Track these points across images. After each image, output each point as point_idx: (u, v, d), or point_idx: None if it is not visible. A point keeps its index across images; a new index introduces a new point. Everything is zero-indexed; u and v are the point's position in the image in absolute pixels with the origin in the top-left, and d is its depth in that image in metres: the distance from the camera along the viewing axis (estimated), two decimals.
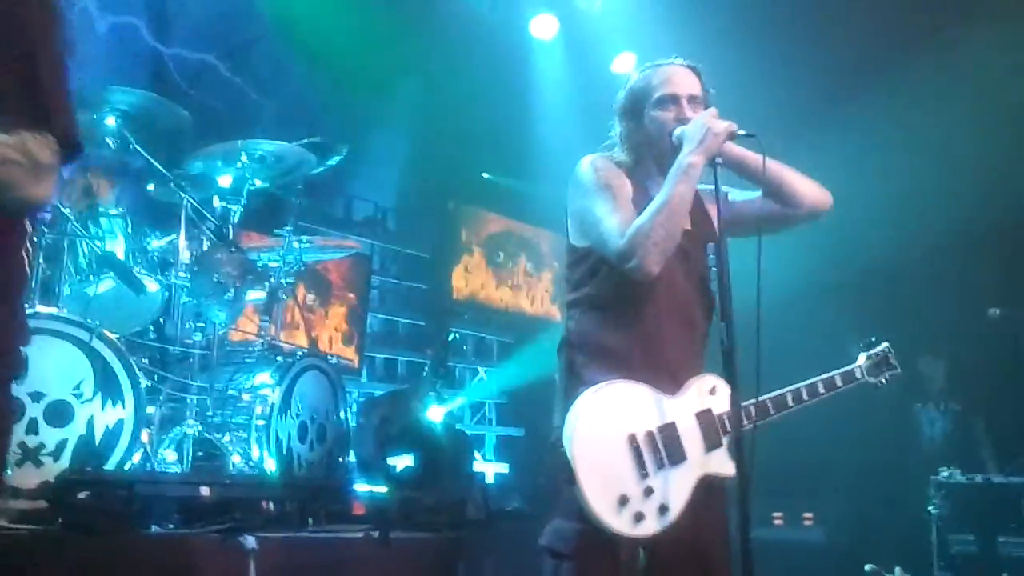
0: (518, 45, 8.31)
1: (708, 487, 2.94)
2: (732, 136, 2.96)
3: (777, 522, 7.63)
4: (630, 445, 2.84)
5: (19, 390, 3.93)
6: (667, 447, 2.89)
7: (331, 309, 6.96)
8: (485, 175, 8.25)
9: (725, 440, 2.99)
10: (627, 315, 3.01)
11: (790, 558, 7.19)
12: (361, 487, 5.42)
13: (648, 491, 2.82)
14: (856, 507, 7.41)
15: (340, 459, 5.53)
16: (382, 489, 5.49)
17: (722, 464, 2.97)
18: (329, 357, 6.25)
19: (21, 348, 2.12)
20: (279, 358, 5.39)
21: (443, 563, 4.63)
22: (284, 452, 5.09)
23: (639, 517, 2.79)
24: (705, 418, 2.99)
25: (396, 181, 8.25)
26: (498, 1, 8.00)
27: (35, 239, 4.47)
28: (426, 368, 7.25)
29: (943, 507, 6.30)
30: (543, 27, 8.33)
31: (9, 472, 3.84)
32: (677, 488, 2.88)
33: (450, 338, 7.27)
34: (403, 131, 8.12)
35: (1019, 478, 6.16)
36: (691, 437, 2.95)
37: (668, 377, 2.98)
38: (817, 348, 4.42)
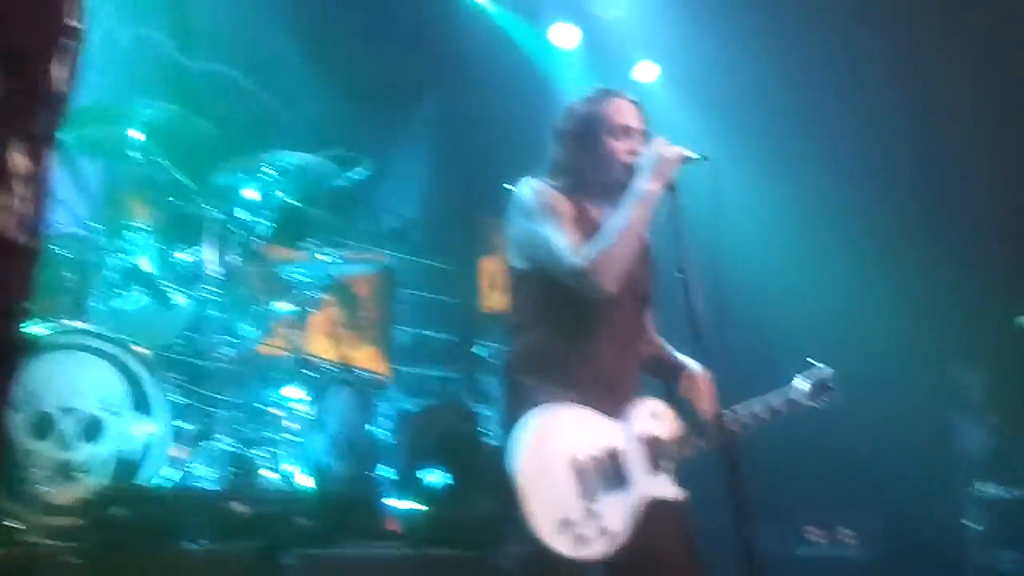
0: (539, 54, 8.26)
1: (660, 508, 2.97)
2: (684, 160, 3.04)
3: (812, 537, 7.51)
4: (572, 468, 2.86)
5: (50, 404, 3.88)
6: (610, 470, 2.92)
7: (359, 322, 6.88)
8: (508, 187, 8.16)
9: (668, 465, 3.04)
10: (570, 335, 3.05)
11: (825, 574, 7.05)
12: (394, 503, 5.32)
13: (590, 514, 2.85)
14: (892, 522, 7.26)
15: (372, 475, 5.43)
16: (416, 505, 5.38)
17: (665, 488, 3.03)
18: (359, 371, 6.16)
19: None
20: (309, 372, 5.32)
21: None
22: (316, 467, 5.00)
23: (582, 540, 2.81)
24: (648, 442, 3.02)
25: (421, 193, 8.18)
26: (519, 10, 7.95)
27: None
28: (457, 383, 7.16)
29: (983, 522, 6.15)
30: (563, 36, 8.28)
31: (42, 488, 3.77)
32: (620, 511, 2.91)
33: (480, 352, 7.16)
34: (427, 142, 8.06)
35: None
36: (634, 461, 2.98)
37: (611, 397, 3.02)
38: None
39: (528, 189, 3.12)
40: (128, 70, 5.67)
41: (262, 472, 4.80)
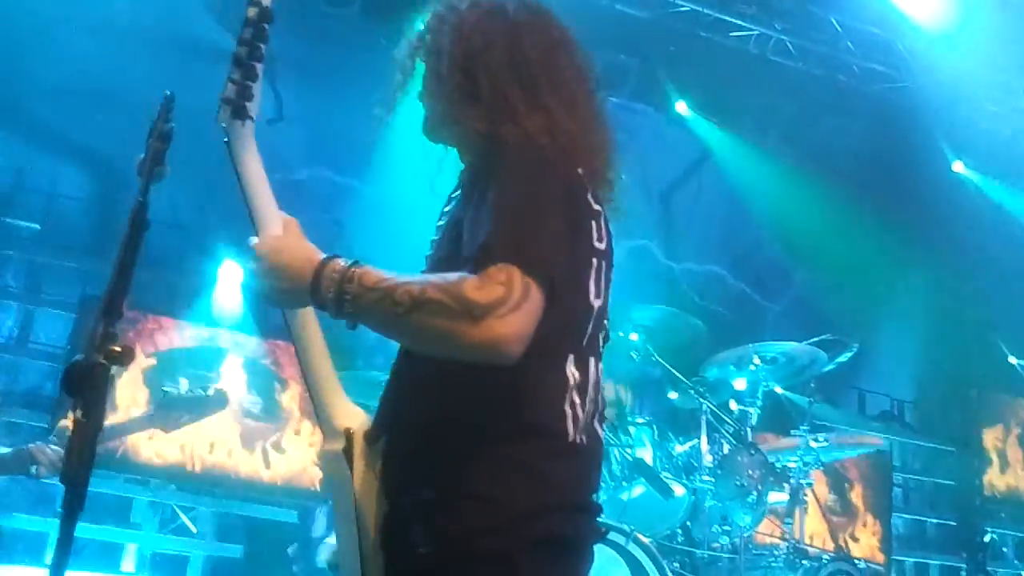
0: None
1: None
2: None
3: None
4: None
5: None
6: None
7: (853, 509, 6.72)
8: (1013, 360, 7.66)
9: None
10: None
11: None
12: None
13: None
14: None
15: None
16: None
17: None
18: (857, 561, 5.98)
19: None
20: (805, 562, 5.26)
21: None
22: None
23: None
24: None
25: (910, 372, 7.92)
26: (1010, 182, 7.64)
27: None
28: (962, 573, 6.70)
29: None
30: None
31: None
32: None
33: (986, 539, 6.66)
34: (914, 321, 7.84)
35: None
36: None
37: None
38: None
39: None
40: (624, 278, 6.26)
41: None
